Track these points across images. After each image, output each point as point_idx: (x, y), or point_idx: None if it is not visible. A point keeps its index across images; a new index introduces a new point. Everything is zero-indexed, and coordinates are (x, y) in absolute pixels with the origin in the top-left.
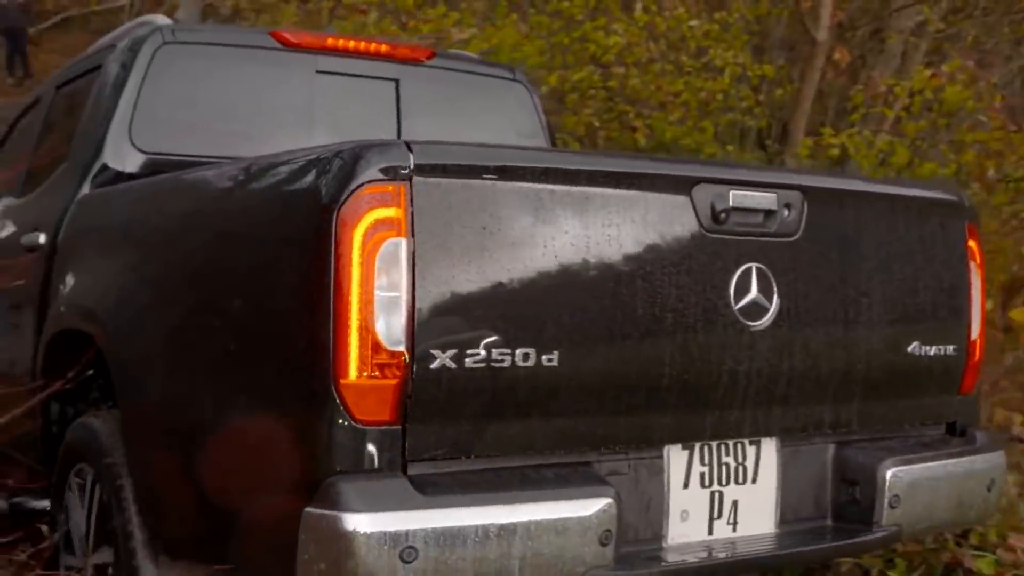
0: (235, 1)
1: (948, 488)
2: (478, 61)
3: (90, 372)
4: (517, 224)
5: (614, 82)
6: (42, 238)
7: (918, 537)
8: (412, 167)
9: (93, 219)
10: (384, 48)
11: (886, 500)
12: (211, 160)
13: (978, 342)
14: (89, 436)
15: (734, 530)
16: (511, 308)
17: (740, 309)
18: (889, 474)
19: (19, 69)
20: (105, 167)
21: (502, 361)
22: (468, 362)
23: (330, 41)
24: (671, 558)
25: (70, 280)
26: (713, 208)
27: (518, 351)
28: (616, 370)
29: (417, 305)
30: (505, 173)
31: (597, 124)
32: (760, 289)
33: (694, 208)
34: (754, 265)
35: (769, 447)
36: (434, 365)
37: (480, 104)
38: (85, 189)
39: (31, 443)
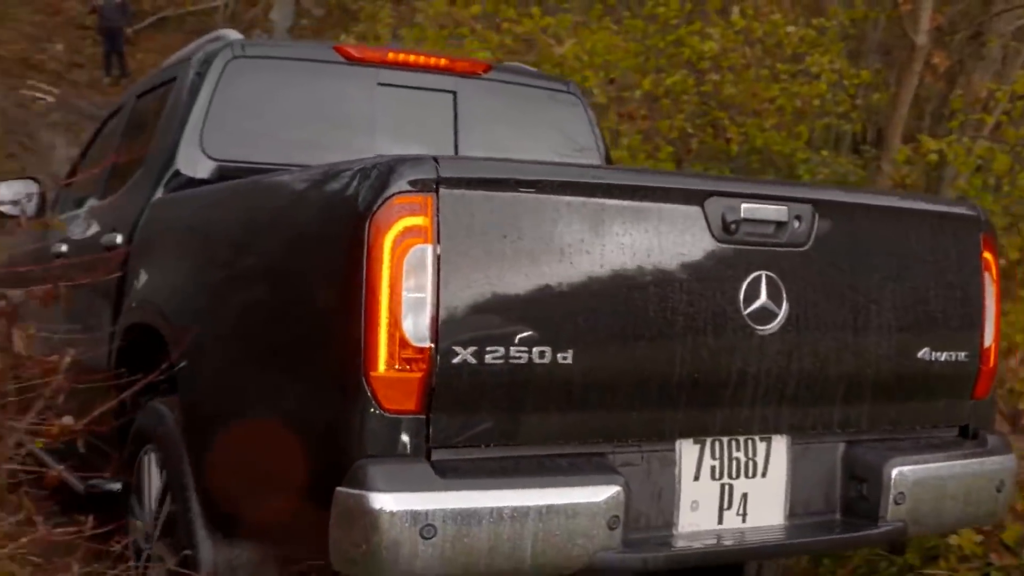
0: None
1: (955, 487)
2: (534, 74)
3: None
4: (535, 232)
5: (707, 87)
6: (119, 238)
7: (925, 534)
8: (439, 179)
9: (163, 222)
10: (443, 62)
11: (891, 497)
12: (276, 167)
13: (992, 349)
14: (157, 420)
15: (744, 520)
16: (529, 310)
17: (750, 314)
18: (895, 472)
19: (116, 68)
20: (177, 173)
21: (520, 358)
22: (488, 358)
23: (391, 55)
24: (680, 544)
25: (142, 278)
26: (724, 219)
27: (535, 349)
28: (628, 368)
29: (441, 305)
30: (525, 186)
31: (691, 130)
32: (769, 295)
33: (706, 219)
34: (764, 273)
35: (780, 444)
36: (456, 360)
37: (535, 115)
38: (159, 193)
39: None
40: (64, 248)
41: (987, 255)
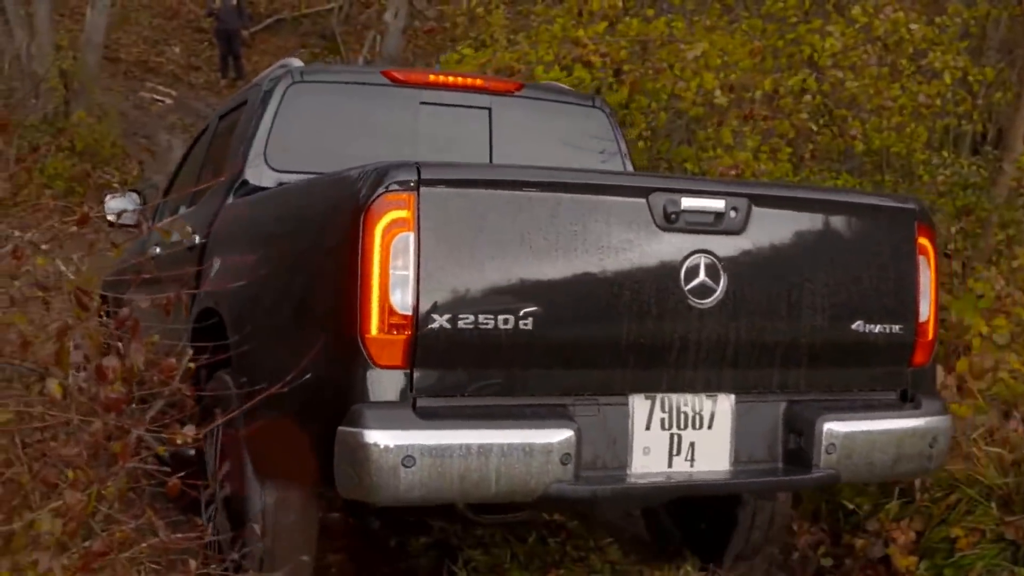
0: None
1: (885, 442)
2: (562, 91)
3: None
4: (500, 222)
5: (827, 86)
6: (197, 239)
7: (861, 481)
8: (419, 181)
9: (227, 223)
10: (479, 82)
11: (823, 448)
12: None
13: (930, 323)
14: (222, 388)
15: (692, 465)
16: (494, 285)
17: (690, 290)
18: (826, 427)
19: (232, 70)
20: (245, 182)
21: (487, 324)
22: (460, 324)
23: (432, 77)
24: (630, 481)
25: (211, 271)
26: (665, 210)
27: (499, 317)
28: (581, 334)
29: (421, 281)
30: (492, 184)
31: (815, 128)
32: (708, 275)
33: (650, 210)
34: (703, 255)
35: (725, 401)
36: (434, 326)
37: (563, 128)
38: (230, 200)
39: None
40: (158, 250)
41: (923, 241)
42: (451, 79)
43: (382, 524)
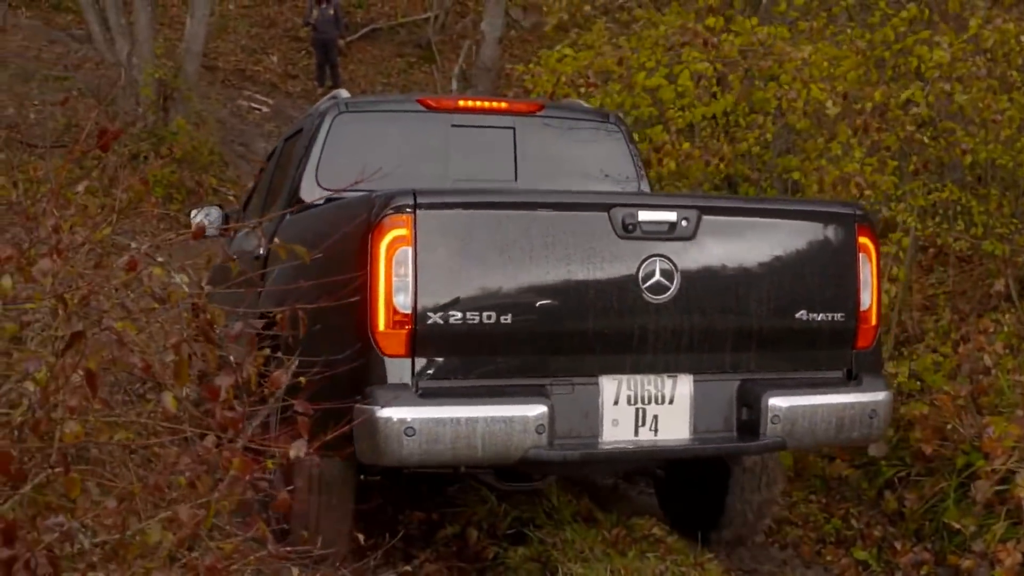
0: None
1: (826, 414)
2: (580, 108)
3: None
4: (483, 237)
5: (932, 97)
6: (261, 250)
7: (805, 448)
8: (416, 205)
9: (284, 235)
10: (503, 105)
11: (768, 419)
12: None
13: (872, 311)
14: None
15: (656, 435)
16: (478, 288)
17: (647, 288)
18: (770, 401)
19: (329, 79)
20: (300, 199)
21: (473, 320)
22: (451, 320)
23: (461, 103)
24: (601, 447)
25: (271, 277)
26: (624, 222)
27: (483, 314)
28: (553, 327)
29: (418, 286)
30: (475, 206)
31: (926, 140)
32: (662, 274)
33: (611, 222)
34: (657, 258)
35: (684, 380)
36: (429, 322)
37: (580, 143)
38: (288, 215)
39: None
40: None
41: (863, 241)
42: (478, 103)
43: (480, 535)
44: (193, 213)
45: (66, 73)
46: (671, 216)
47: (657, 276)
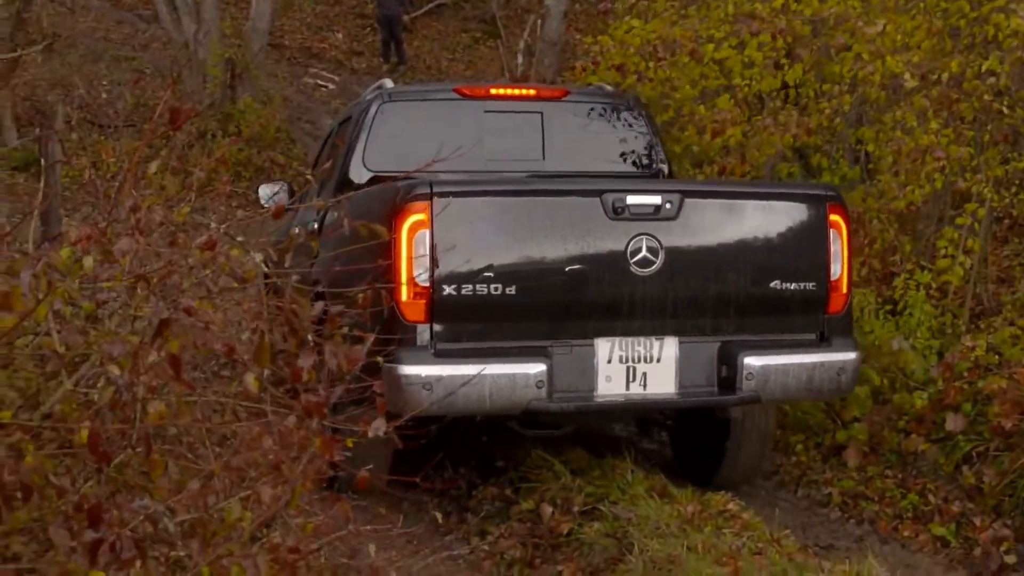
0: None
1: (797, 371)
2: (603, 92)
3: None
4: (491, 220)
5: (1007, 67)
6: (315, 225)
7: (778, 402)
8: (432, 193)
9: (331, 214)
10: (532, 92)
11: (743, 376)
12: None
13: (842, 280)
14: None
15: (644, 389)
16: (486, 263)
17: (635, 262)
18: (745, 360)
19: (394, 56)
20: (349, 180)
21: (482, 291)
22: (463, 292)
23: (493, 90)
24: (596, 400)
25: (321, 252)
26: (614, 205)
27: (491, 286)
28: (553, 297)
29: (435, 263)
30: (483, 193)
31: (1004, 110)
32: (648, 250)
33: (603, 206)
34: (644, 236)
35: (671, 342)
36: (444, 293)
37: (603, 125)
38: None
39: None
40: (296, 231)
41: (834, 218)
42: (509, 91)
43: (555, 510)
44: (262, 189)
45: (134, 53)
46: (656, 200)
47: (644, 252)
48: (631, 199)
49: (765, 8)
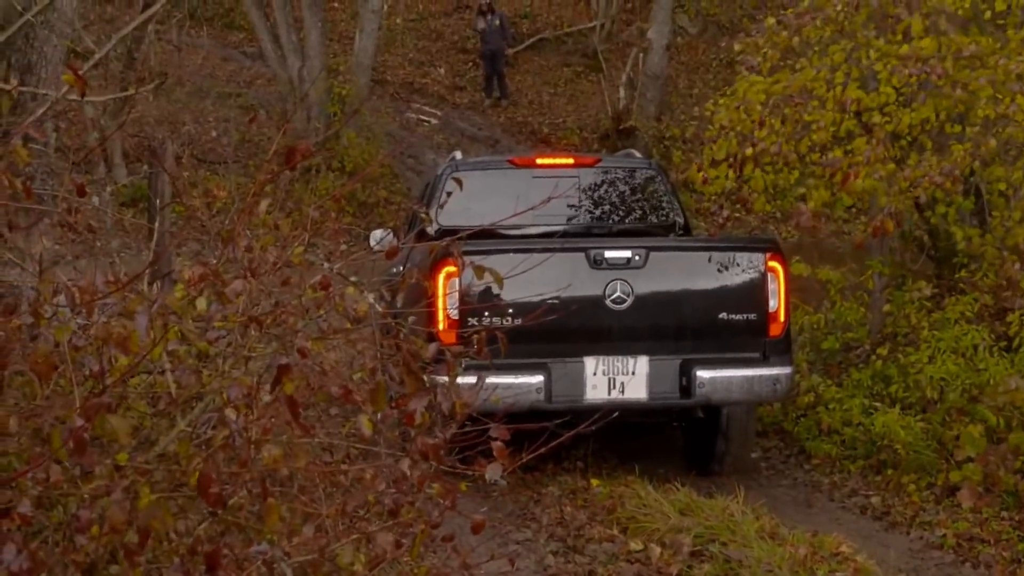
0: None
1: (740, 382)
2: (631, 158)
3: None
4: (502, 267)
5: None
6: (402, 267)
7: (725, 403)
8: (461, 252)
9: (410, 259)
10: (571, 160)
11: (696, 385)
12: (470, 228)
13: (780, 311)
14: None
15: (622, 395)
16: (500, 303)
17: (611, 300)
18: (698, 373)
19: (496, 90)
20: (425, 232)
21: (496, 323)
22: (483, 322)
23: (539, 160)
24: (584, 402)
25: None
26: (594, 258)
27: (503, 319)
28: (551, 325)
29: (462, 301)
30: (498, 251)
31: None
32: (622, 291)
33: (586, 258)
34: (618, 281)
35: (643, 360)
36: (469, 324)
37: (629, 186)
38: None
39: None
40: (395, 270)
41: (772, 263)
42: (551, 161)
43: (663, 551)
44: (372, 234)
45: (239, 90)
46: (627, 253)
47: (618, 292)
48: (608, 253)
49: (914, 49)
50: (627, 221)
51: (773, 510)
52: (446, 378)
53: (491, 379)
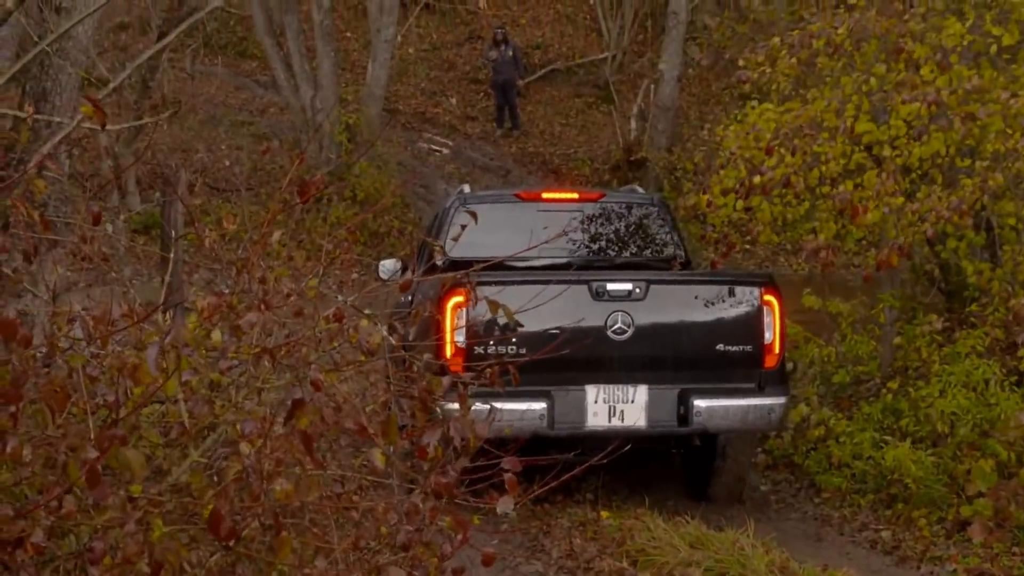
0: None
1: (735, 411)
2: (633, 193)
3: None
4: (510, 301)
5: None
6: (409, 297)
7: (721, 431)
8: (468, 283)
9: (420, 290)
10: (575, 195)
11: (693, 413)
12: (478, 260)
13: (774, 344)
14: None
15: (622, 422)
16: (506, 331)
17: (612, 331)
18: (695, 402)
19: (508, 121)
20: (434, 264)
21: (501, 352)
22: (488, 351)
23: (544, 194)
24: (585, 429)
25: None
26: (596, 290)
27: (508, 347)
28: (555, 356)
29: (469, 330)
30: (504, 283)
31: None
32: (622, 322)
33: (589, 290)
34: (619, 312)
35: (642, 388)
36: (475, 352)
37: (631, 221)
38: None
39: None
40: (403, 300)
41: (768, 298)
42: (556, 195)
43: None
44: (382, 264)
45: (252, 118)
46: (628, 286)
47: (619, 323)
48: (610, 286)
49: (915, 78)
50: (629, 254)
51: (783, 544)
52: (455, 405)
53: (496, 405)
